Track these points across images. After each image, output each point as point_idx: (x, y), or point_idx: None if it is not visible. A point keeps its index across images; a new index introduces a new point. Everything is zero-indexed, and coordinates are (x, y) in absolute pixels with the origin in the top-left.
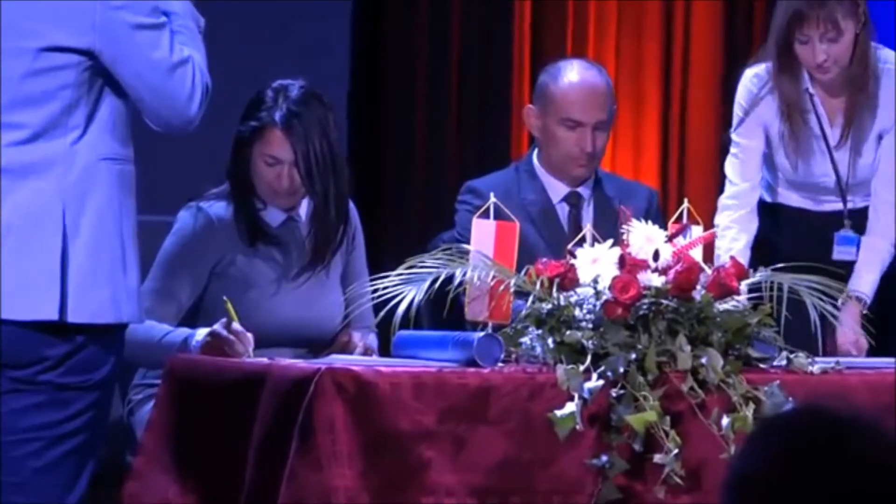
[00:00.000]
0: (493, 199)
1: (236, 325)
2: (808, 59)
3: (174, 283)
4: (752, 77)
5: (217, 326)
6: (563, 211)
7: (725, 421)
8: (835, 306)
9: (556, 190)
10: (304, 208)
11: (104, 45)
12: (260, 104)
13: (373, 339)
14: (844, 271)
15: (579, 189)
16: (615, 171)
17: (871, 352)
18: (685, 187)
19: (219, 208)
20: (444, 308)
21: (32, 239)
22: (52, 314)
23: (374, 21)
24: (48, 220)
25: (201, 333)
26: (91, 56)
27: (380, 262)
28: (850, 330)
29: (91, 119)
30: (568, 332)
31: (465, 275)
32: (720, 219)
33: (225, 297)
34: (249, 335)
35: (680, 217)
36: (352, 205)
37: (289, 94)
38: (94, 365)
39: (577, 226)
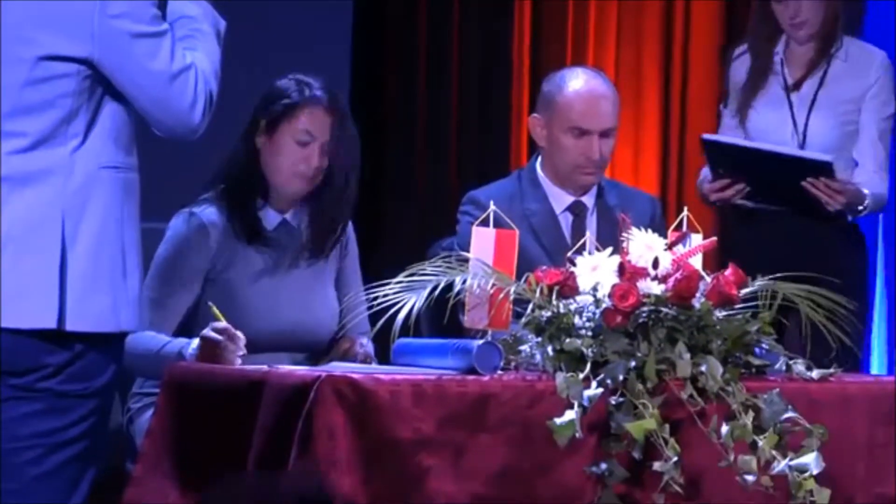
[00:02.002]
0: (492, 206)
1: (222, 324)
2: (784, 16)
3: (170, 291)
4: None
5: (206, 331)
6: (566, 221)
7: (725, 429)
8: (829, 318)
9: (560, 199)
10: (295, 214)
11: (103, 53)
12: (283, 91)
13: (370, 347)
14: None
15: (583, 199)
16: (615, 175)
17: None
18: (684, 190)
19: (210, 213)
20: (443, 315)
21: (31, 247)
22: (50, 322)
23: (375, 32)
24: (47, 228)
25: (195, 343)
26: (90, 65)
27: (379, 270)
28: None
29: (91, 127)
30: (567, 340)
31: (464, 282)
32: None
33: (210, 303)
34: (239, 333)
35: (679, 225)
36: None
37: (314, 82)
38: (93, 373)
39: (580, 236)
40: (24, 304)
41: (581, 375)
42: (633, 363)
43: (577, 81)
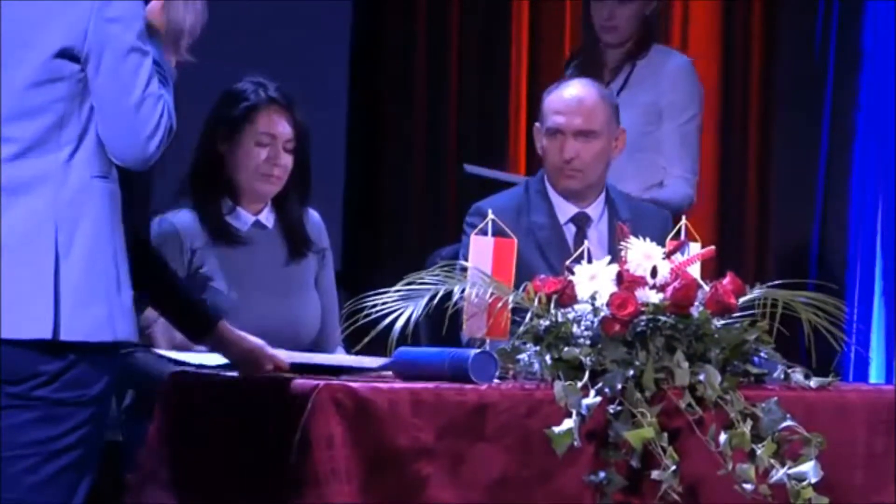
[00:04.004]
0: (491, 215)
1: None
2: (598, 17)
3: None
4: None
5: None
6: (570, 232)
7: (723, 437)
8: (832, 323)
9: (565, 210)
10: (268, 214)
11: (92, 51)
12: (241, 93)
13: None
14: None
15: (587, 210)
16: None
17: None
18: None
19: (183, 216)
20: (442, 324)
21: (25, 257)
22: (45, 333)
23: (372, 37)
24: (40, 238)
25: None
26: (82, 65)
27: (378, 279)
28: None
29: (83, 136)
30: (566, 349)
31: (462, 291)
32: None
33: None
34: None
35: (678, 234)
36: (320, 220)
37: (269, 84)
38: (88, 381)
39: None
40: (18, 314)
41: (579, 384)
42: (631, 372)
43: (563, 87)
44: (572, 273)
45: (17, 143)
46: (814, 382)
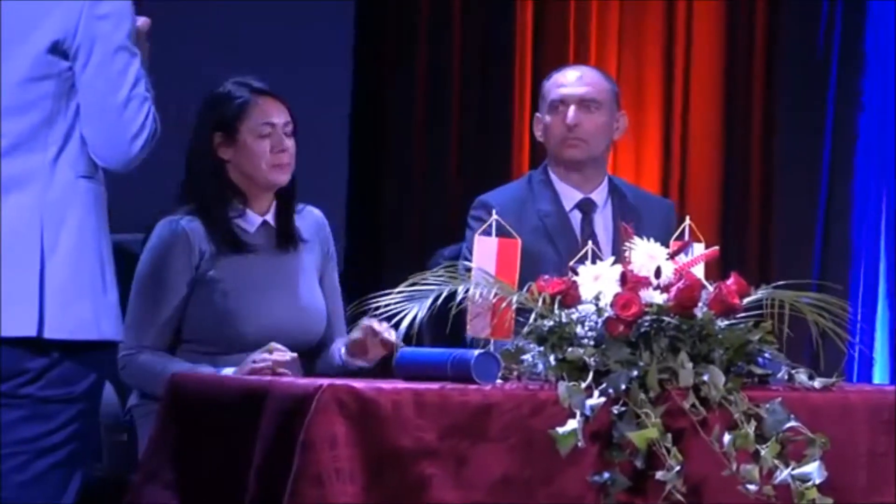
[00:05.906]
0: (495, 215)
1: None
2: None
3: (157, 301)
4: None
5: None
6: (576, 219)
7: (727, 438)
8: (836, 324)
9: (569, 196)
10: (273, 214)
11: (80, 47)
12: (228, 95)
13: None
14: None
15: (592, 195)
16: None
17: None
18: (687, 193)
19: (191, 220)
20: (446, 324)
21: (12, 255)
22: (30, 331)
23: (376, 35)
24: (27, 236)
25: (228, 372)
26: (70, 61)
27: (380, 280)
28: None
29: (69, 135)
30: (570, 350)
31: (466, 292)
32: None
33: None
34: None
35: (682, 234)
36: (323, 218)
37: (248, 79)
38: (73, 378)
39: (590, 233)
40: (4, 312)
41: (583, 385)
42: (635, 372)
43: (564, 69)
44: (576, 273)
45: (6, 139)
46: (818, 383)
